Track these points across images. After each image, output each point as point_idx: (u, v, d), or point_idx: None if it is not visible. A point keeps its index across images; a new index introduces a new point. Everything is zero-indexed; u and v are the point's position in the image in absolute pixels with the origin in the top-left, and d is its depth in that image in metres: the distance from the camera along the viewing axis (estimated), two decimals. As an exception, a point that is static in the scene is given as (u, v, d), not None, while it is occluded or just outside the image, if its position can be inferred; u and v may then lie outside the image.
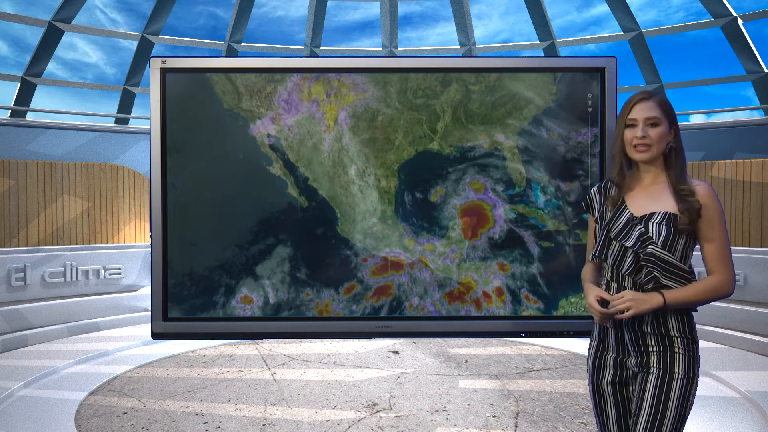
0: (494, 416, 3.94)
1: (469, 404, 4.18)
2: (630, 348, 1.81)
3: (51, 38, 8.46)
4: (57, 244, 7.37)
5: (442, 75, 2.56)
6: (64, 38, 8.64)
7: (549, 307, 2.59)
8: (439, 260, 2.60)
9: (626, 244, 1.80)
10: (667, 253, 1.75)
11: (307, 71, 2.57)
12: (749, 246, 6.80)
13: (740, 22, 7.97)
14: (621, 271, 1.82)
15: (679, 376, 1.72)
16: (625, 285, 1.82)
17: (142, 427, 3.79)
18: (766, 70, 7.92)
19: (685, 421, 1.72)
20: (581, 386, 4.57)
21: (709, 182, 7.12)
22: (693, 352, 1.74)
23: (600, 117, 2.52)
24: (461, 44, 9.74)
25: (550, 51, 9.27)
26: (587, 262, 2.01)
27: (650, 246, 1.76)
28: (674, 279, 1.76)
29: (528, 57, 2.64)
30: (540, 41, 9.38)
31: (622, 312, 1.73)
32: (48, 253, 7.01)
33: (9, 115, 8.35)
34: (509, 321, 2.59)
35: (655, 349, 1.76)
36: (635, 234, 1.79)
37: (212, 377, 4.90)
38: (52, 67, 10.05)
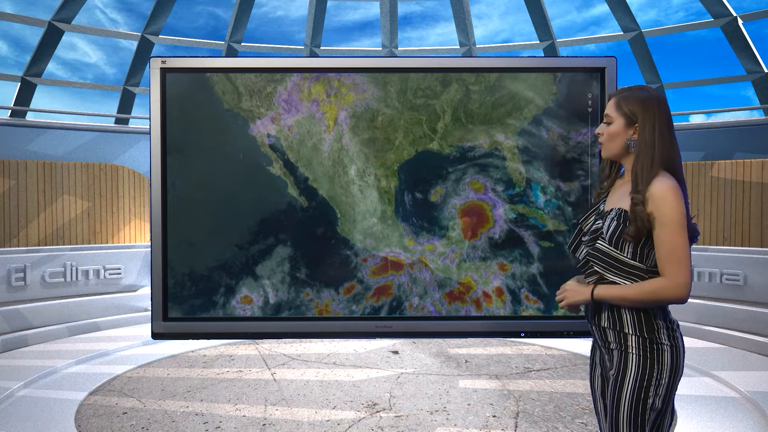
0: (494, 416, 3.94)
1: (469, 404, 4.18)
2: (600, 343, 1.84)
3: (51, 38, 8.46)
4: (57, 244, 7.37)
5: (442, 75, 2.56)
6: (64, 38, 8.64)
7: (549, 307, 2.59)
8: (439, 260, 2.60)
9: (584, 239, 1.84)
10: (614, 249, 1.72)
11: (307, 71, 2.57)
12: (749, 246, 6.80)
13: (740, 22, 7.97)
14: (579, 265, 1.87)
15: (631, 380, 1.67)
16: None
17: (142, 427, 3.79)
18: (766, 70, 7.92)
19: (647, 424, 1.67)
20: (581, 386, 4.57)
21: (709, 182, 7.13)
22: (652, 353, 1.68)
23: (600, 117, 2.52)
24: (461, 44, 9.74)
25: (550, 51, 9.27)
26: None
27: (599, 241, 1.76)
28: (622, 276, 1.72)
29: (528, 57, 2.64)
30: (540, 41, 9.38)
31: (562, 301, 1.82)
32: (48, 253, 7.00)
33: (9, 115, 8.35)
34: (509, 321, 2.59)
35: (614, 346, 1.75)
36: (593, 228, 1.81)
37: (212, 377, 4.90)
38: (52, 67, 10.05)
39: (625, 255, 1.71)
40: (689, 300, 5.95)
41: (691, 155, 7.75)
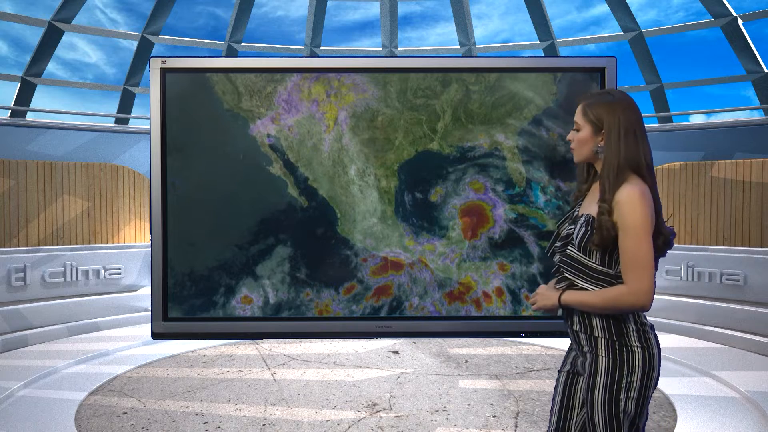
0: (494, 416, 3.94)
1: (469, 404, 4.18)
2: (575, 346, 1.86)
3: (51, 38, 8.46)
4: (57, 244, 7.37)
5: (442, 75, 2.56)
6: (64, 38, 8.64)
7: (549, 307, 2.59)
8: (439, 260, 2.60)
9: (556, 244, 1.85)
10: (582, 255, 1.72)
11: (307, 71, 2.57)
12: (749, 246, 6.80)
13: (740, 22, 7.97)
14: (553, 270, 1.88)
15: (601, 383, 1.68)
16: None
17: (142, 427, 3.79)
18: (766, 70, 7.92)
19: (623, 427, 1.66)
20: (581, 386, 4.57)
21: (709, 182, 7.13)
22: (621, 355, 1.67)
23: (600, 117, 2.51)
24: (461, 44, 9.74)
25: (550, 51, 9.27)
26: None
27: (569, 247, 1.77)
28: (593, 282, 1.72)
29: (528, 57, 2.64)
30: (540, 41, 9.38)
31: (534, 304, 1.85)
32: (48, 253, 7.00)
33: (9, 115, 8.35)
34: (509, 321, 2.59)
35: (587, 349, 1.76)
36: (564, 234, 1.81)
37: (212, 377, 4.90)
38: (52, 67, 10.05)
39: (594, 261, 1.71)
40: (689, 300, 5.90)
41: (691, 155, 7.75)
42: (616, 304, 1.65)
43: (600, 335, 1.71)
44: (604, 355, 1.69)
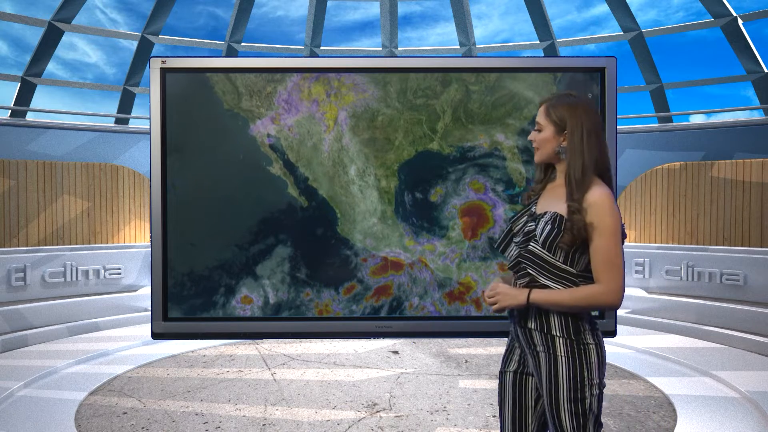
0: (494, 416, 3.94)
1: (469, 404, 4.18)
2: (524, 345, 1.83)
3: (51, 38, 8.46)
4: (57, 244, 7.37)
5: (442, 75, 2.56)
6: (64, 38, 8.64)
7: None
8: (439, 260, 2.60)
9: (515, 240, 1.85)
10: (547, 252, 1.73)
11: (307, 71, 2.57)
12: (749, 246, 6.80)
13: (740, 22, 7.97)
14: (509, 265, 1.87)
15: (565, 384, 1.69)
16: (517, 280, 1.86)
17: (142, 427, 3.79)
18: (766, 70, 7.92)
19: (588, 425, 1.68)
20: (581, 386, 4.57)
21: (709, 182, 7.13)
22: (580, 353, 1.70)
23: (600, 117, 2.51)
24: (461, 44, 9.74)
25: (550, 51, 9.27)
26: None
27: (532, 243, 1.77)
28: (555, 280, 1.73)
29: (528, 57, 2.64)
30: (540, 41, 9.38)
31: (493, 305, 1.80)
32: (48, 253, 7.00)
33: (9, 115, 8.35)
34: (509, 321, 2.59)
35: (541, 348, 1.75)
36: (525, 230, 1.81)
37: (212, 377, 4.90)
38: (52, 67, 10.05)
39: (557, 259, 1.73)
40: (689, 300, 5.91)
41: (691, 155, 7.75)
42: (589, 303, 1.68)
43: (558, 334, 1.72)
44: (562, 354, 1.71)
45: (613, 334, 2.60)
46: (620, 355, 5.45)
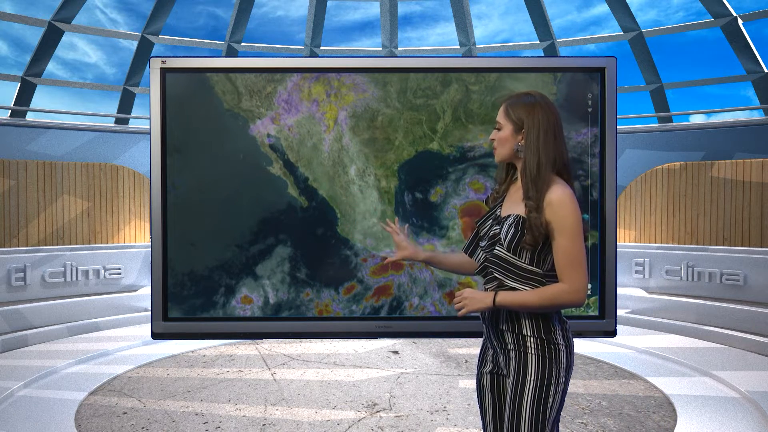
0: (494, 416, 3.94)
1: (469, 404, 4.18)
2: (496, 344, 1.84)
3: (51, 38, 8.46)
4: (57, 244, 7.37)
5: (442, 75, 2.56)
6: (64, 38, 8.64)
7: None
8: (439, 260, 2.60)
9: (481, 244, 1.86)
10: (512, 255, 1.74)
11: (307, 71, 2.57)
12: (749, 246, 6.80)
13: (740, 22, 7.97)
14: (476, 270, 1.88)
15: (532, 379, 1.70)
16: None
17: (142, 427, 3.79)
18: (766, 70, 7.92)
19: (547, 423, 1.70)
20: (581, 386, 4.58)
21: (709, 182, 7.13)
22: (550, 353, 1.71)
23: (600, 117, 2.52)
24: (461, 44, 9.74)
25: (550, 51, 9.27)
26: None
27: (497, 247, 1.78)
28: (522, 282, 1.74)
29: (528, 57, 2.64)
30: (540, 41, 9.38)
31: (461, 309, 1.80)
32: (48, 253, 7.01)
33: (9, 115, 8.35)
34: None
35: (512, 347, 1.76)
36: (490, 234, 1.82)
37: (212, 377, 4.90)
38: (52, 67, 10.05)
39: (523, 261, 1.74)
40: (689, 300, 5.92)
41: (691, 155, 7.75)
42: (554, 302, 1.69)
43: (528, 333, 1.73)
44: (533, 352, 1.72)
45: (613, 334, 2.60)
46: (620, 355, 5.45)
